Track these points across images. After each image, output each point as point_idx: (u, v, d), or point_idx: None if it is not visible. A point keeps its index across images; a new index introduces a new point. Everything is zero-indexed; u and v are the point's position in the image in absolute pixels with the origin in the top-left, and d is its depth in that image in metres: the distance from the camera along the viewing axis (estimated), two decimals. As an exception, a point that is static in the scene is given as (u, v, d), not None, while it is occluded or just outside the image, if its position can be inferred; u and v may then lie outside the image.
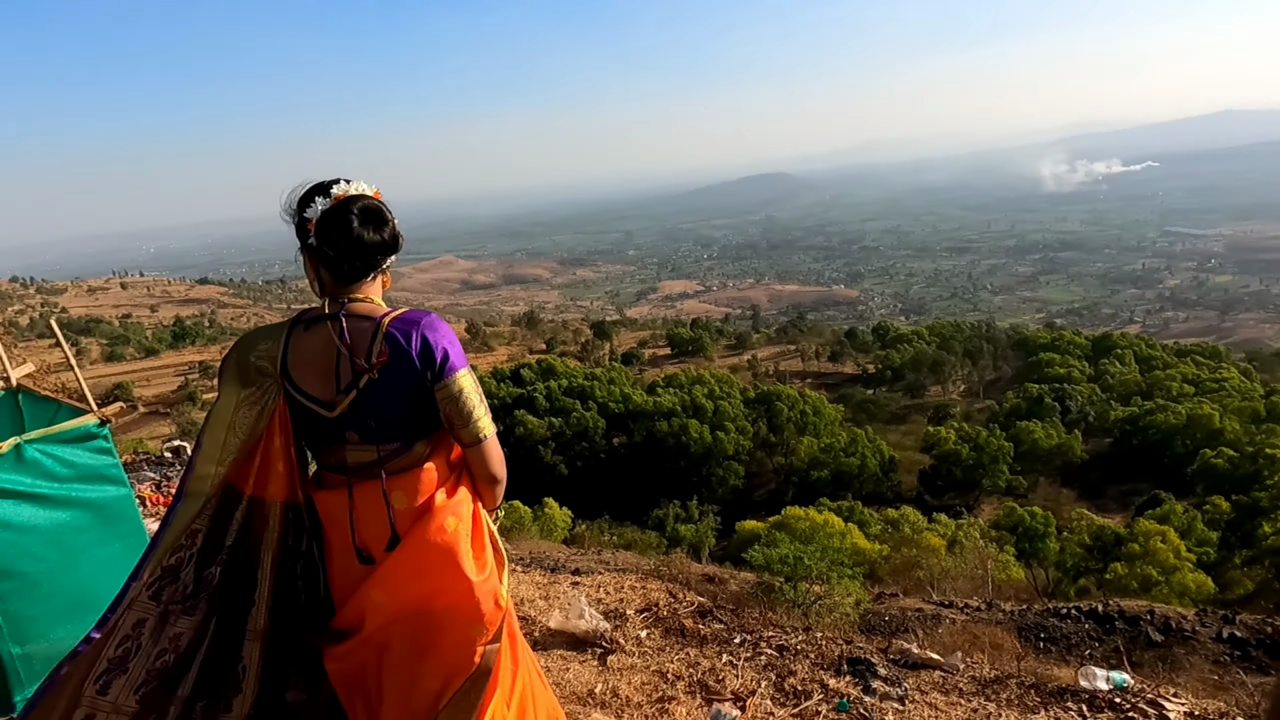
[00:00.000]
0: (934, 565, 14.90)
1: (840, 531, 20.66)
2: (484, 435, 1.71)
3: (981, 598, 9.83)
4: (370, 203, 1.63)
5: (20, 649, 2.88)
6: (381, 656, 1.71)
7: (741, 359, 71.61)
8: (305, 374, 1.65)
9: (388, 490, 1.66)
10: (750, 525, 24.31)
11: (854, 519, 25.31)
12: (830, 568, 12.23)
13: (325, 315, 1.65)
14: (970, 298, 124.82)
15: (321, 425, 1.67)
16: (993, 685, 2.64)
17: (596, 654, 2.98)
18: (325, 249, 1.61)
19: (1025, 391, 49.70)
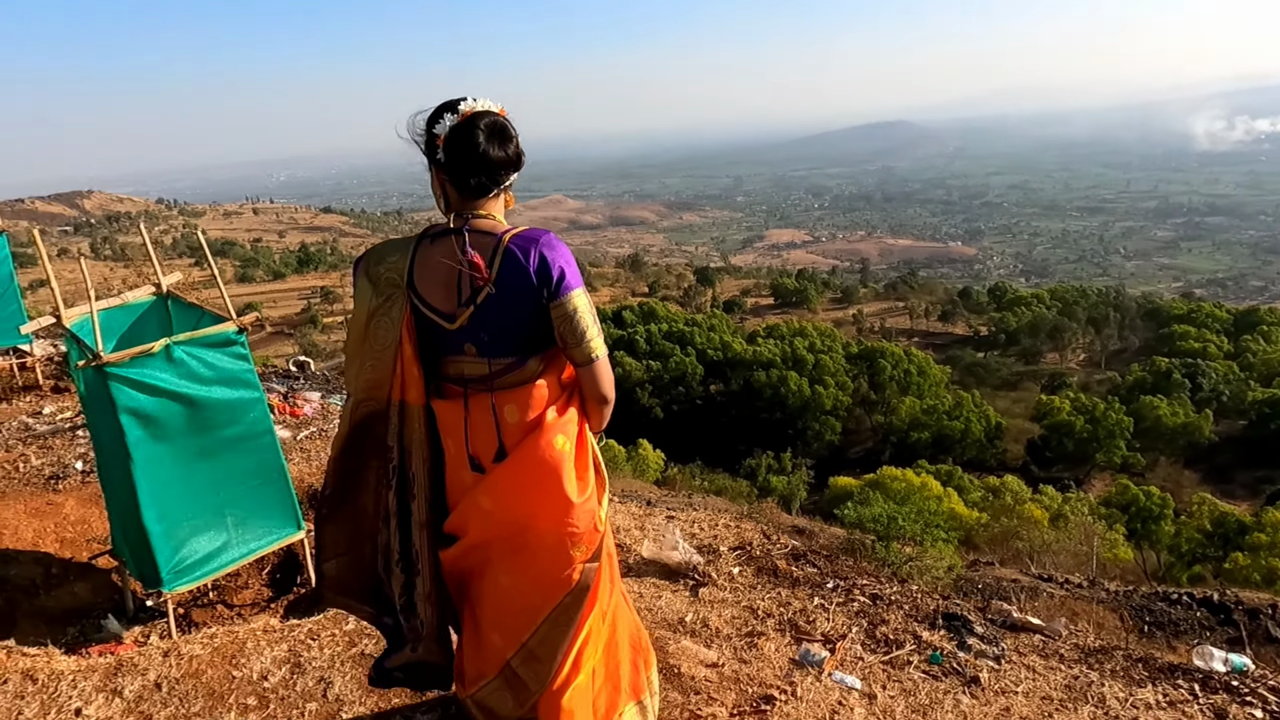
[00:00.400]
0: (1035, 537, 14.42)
1: (938, 495, 20.18)
2: (596, 355, 1.75)
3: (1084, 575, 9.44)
4: (496, 119, 1.67)
5: (161, 527, 3.19)
6: (485, 565, 1.82)
7: (846, 313, 69.89)
8: (429, 286, 1.72)
9: (499, 404, 1.76)
10: (843, 481, 24.01)
11: (953, 484, 24.66)
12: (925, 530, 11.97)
13: (449, 230, 1.71)
14: (1100, 261, 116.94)
15: (443, 337, 1.74)
16: (1096, 655, 2.55)
17: (688, 585, 3.04)
18: (452, 164, 1.66)
19: (1152, 365, 46.67)
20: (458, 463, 1.80)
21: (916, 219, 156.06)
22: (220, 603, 3.77)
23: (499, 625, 1.85)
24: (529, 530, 1.76)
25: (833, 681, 2.45)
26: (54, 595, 3.70)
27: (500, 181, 1.72)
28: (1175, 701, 2.34)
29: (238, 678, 2.61)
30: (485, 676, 1.90)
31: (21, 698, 2.55)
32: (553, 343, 1.76)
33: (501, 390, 1.75)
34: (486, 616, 1.87)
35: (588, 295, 1.74)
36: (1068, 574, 9.15)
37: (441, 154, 1.66)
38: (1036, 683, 2.44)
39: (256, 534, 3.52)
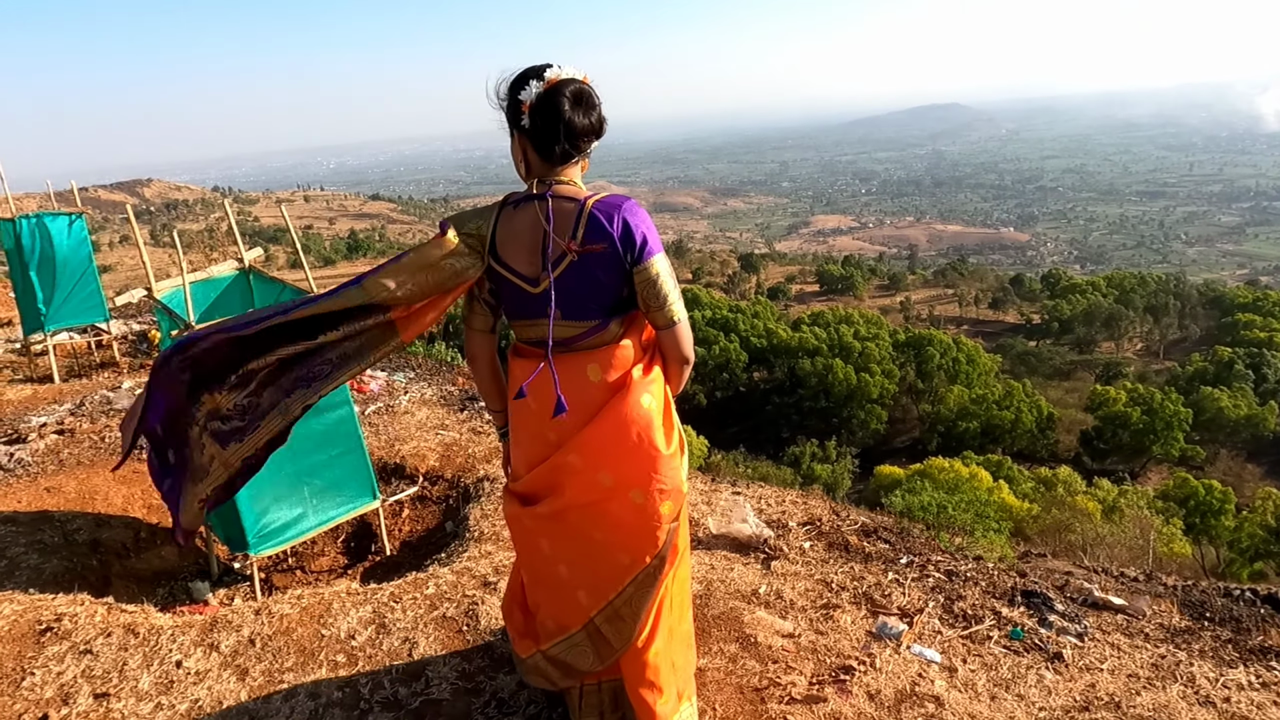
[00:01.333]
0: (1088, 530, 14.15)
1: (988, 486, 19.84)
2: (677, 318, 1.79)
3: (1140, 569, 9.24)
4: (580, 87, 1.69)
5: (248, 493, 3.33)
6: (573, 522, 1.83)
7: (894, 300, 68.80)
8: (513, 251, 1.76)
9: (583, 364, 1.80)
10: (889, 470, 23.75)
11: (1002, 474, 24.21)
12: (975, 520, 11.80)
13: (533, 196, 1.74)
14: (1159, 248, 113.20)
15: (525, 300, 1.78)
16: (1183, 634, 2.50)
17: (759, 558, 3.05)
18: (536, 130, 1.68)
19: (1214, 355, 45.21)
20: (539, 421, 1.83)
21: (967, 204, 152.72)
22: (299, 568, 3.90)
23: (585, 583, 1.88)
24: (620, 487, 1.80)
25: (912, 654, 2.45)
26: (143, 558, 3.86)
27: (583, 149, 1.75)
28: (1269, 683, 2.29)
29: (326, 636, 2.70)
30: (568, 630, 1.94)
31: (125, 649, 2.68)
32: (633, 306, 1.80)
33: (585, 351, 1.78)
34: (573, 573, 1.90)
35: (668, 260, 1.78)
36: (1122, 567, 8.96)
37: (526, 120, 1.68)
38: (1122, 660, 2.40)
39: (336, 502, 3.63)
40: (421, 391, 5.73)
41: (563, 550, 1.90)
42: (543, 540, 1.90)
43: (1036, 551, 10.33)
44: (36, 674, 2.57)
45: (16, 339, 7.57)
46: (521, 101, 1.68)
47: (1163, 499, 24.27)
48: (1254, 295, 59.71)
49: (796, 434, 34.64)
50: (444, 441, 4.86)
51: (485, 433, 5.04)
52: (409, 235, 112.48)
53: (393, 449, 4.71)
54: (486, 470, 4.37)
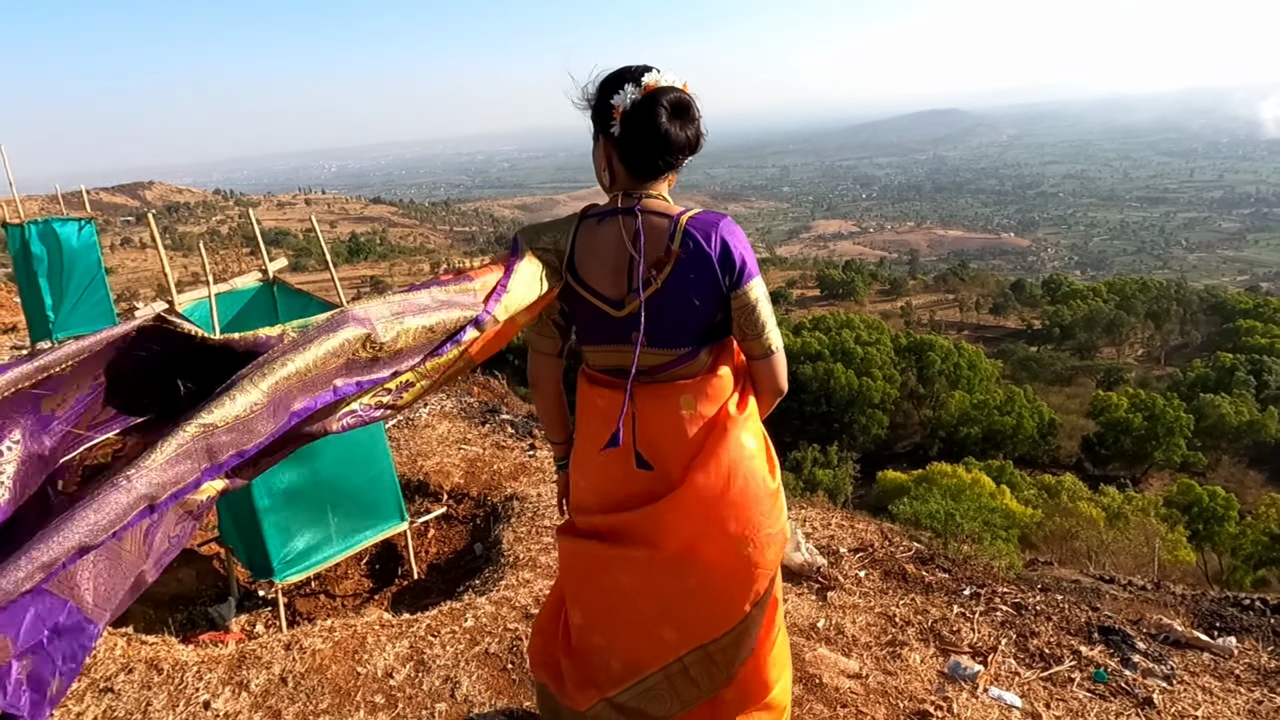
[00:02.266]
0: (1092, 537, 14.06)
1: (990, 492, 19.73)
2: (774, 347, 1.64)
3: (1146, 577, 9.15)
4: (681, 96, 1.53)
5: (274, 517, 3.19)
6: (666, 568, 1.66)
7: (895, 305, 68.79)
8: (595, 270, 1.59)
9: (673, 396, 1.62)
10: (892, 476, 23.58)
11: (1004, 480, 24.07)
12: (983, 528, 11.65)
13: (618, 210, 1.58)
14: (1160, 253, 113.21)
15: (606, 324, 1.61)
16: (1276, 676, 2.35)
17: (813, 588, 2.91)
18: (627, 140, 1.52)
19: (1215, 361, 45.21)
20: (613, 457, 1.65)
21: (968, 209, 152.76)
22: (322, 592, 3.75)
23: (675, 621, 1.71)
24: (726, 538, 1.63)
25: (990, 698, 2.30)
26: (161, 581, 3.69)
27: (676, 164, 1.59)
28: (1378, 731, 2.16)
29: (362, 674, 2.55)
30: (642, 671, 1.75)
31: (148, 688, 2.53)
32: (724, 333, 1.64)
33: (674, 381, 1.62)
34: (658, 610, 1.72)
35: (764, 285, 1.62)
36: (1129, 575, 8.84)
37: (617, 128, 1.51)
38: (1217, 706, 2.26)
39: (364, 524, 3.49)
40: (441, 404, 5.59)
41: (648, 587, 1.71)
42: (623, 577, 1.71)
43: (1043, 559, 10.19)
44: (55, 715, 2.42)
45: (23, 346, 7.43)
46: (614, 106, 1.50)
47: (1166, 505, 24.17)
48: (1255, 301, 59.70)
49: (798, 439, 34.50)
50: (467, 457, 4.71)
51: (509, 448, 4.90)
52: (410, 239, 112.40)
53: (415, 465, 4.56)
54: (514, 488, 4.21)
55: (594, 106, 1.56)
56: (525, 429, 5.25)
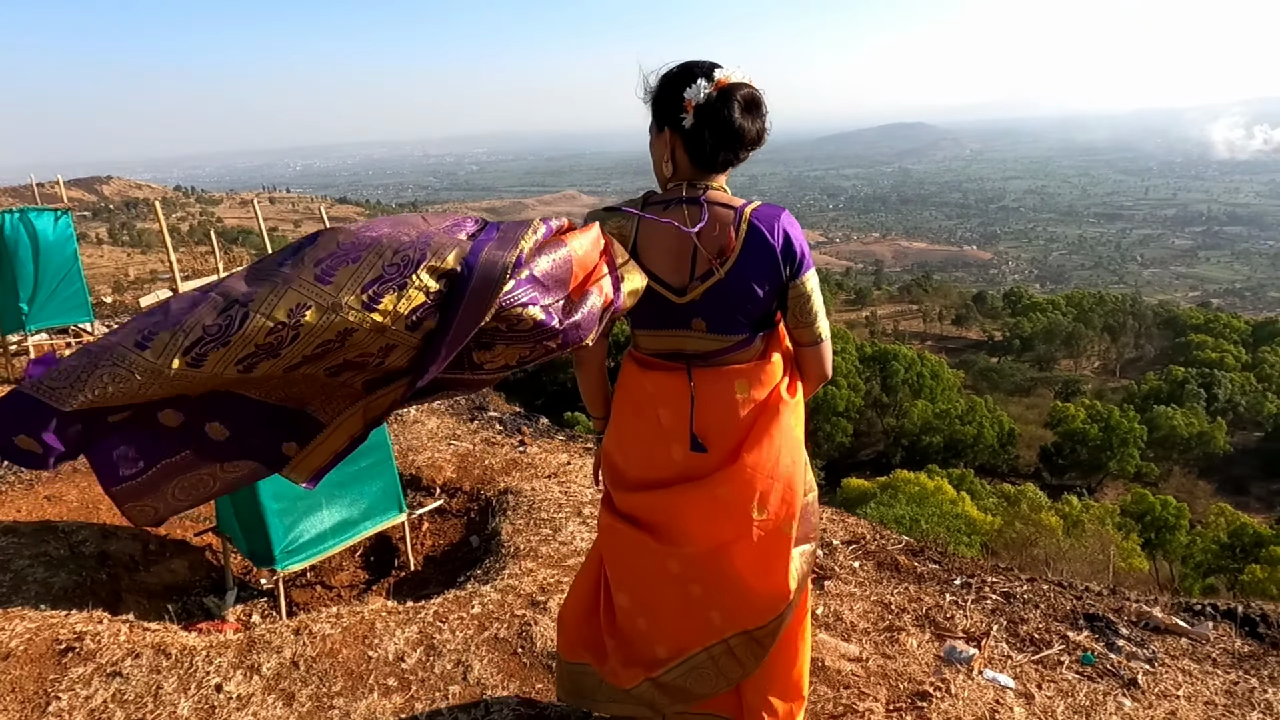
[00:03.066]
0: (1050, 545, 14.36)
1: (952, 499, 20.09)
2: (823, 336, 1.73)
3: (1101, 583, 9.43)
4: (753, 92, 1.58)
5: (277, 505, 3.18)
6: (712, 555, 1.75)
7: (859, 315, 69.64)
8: (659, 257, 1.64)
9: (729, 380, 1.69)
10: (856, 483, 23.90)
11: (965, 488, 24.51)
12: (947, 533, 11.86)
13: (684, 199, 1.63)
14: (1117, 269, 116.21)
15: (667, 310, 1.66)
16: (1249, 659, 2.50)
17: (811, 578, 2.99)
18: (699, 133, 1.56)
19: (1168, 374, 46.50)
20: (670, 437, 1.71)
21: (932, 221, 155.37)
22: (318, 583, 3.76)
23: (722, 605, 1.77)
24: (772, 519, 1.70)
25: (985, 679, 2.41)
26: (153, 571, 3.69)
27: (743, 158, 1.65)
28: (1343, 709, 2.30)
29: (374, 658, 2.58)
30: (686, 651, 1.81)
31: (157, 672, 2.53)
32: (774, 321, 1.73)
33: (730, 366, 1.69)
34: (707, 594, 1.78)
35: (818, 276, 1.71)
36: (1085, 582, 9.13)
37: (689, 119, 1.56)
38: (1196, 687, 2.39)
39: (365, 514, 3.51)
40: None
41: (699, 573, 1.76)
42: (672, 564, 1.77)
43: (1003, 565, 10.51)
44: (63, 698, 2.42)
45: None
46: (686, 100, 1.55)
47: (1121, 514, 24.77)
48: (1206, 317, 61.57)
49: (764, 447, 34.73)
50: (458, 452, 4.74)
51: (498, 444, 4.94)
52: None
53: (407, 460, 4.58)
54: (507, 483, 4.26)
55: (660, 99, 1.60)
56: (514, 426, 5.29)
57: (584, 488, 4.11)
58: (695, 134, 1.57)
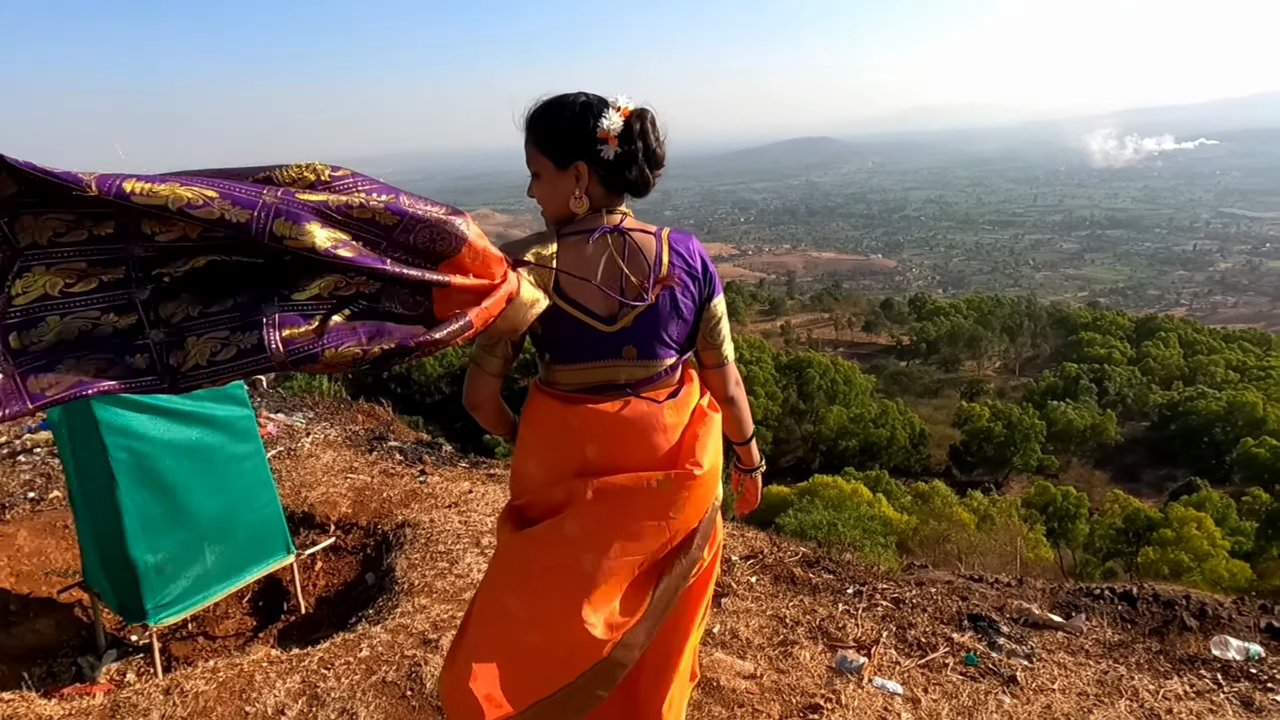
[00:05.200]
0: (962, 540, 14.87)
1: (869, 501, 20.66)
2: (730, 357, 1.78)
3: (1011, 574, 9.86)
4: (656, 116, 1.62)
5: (152, 557, 2.98)
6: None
7: (774, 325, 71.13)
8: (583, 287, 1.61)
9: (659, 407, 1.66)
10: (778, 490, 24.32)
11: (880, 489, 25.23)
12: (864, 535, 12.21)
13: (606, 229, 1.63)
14: (1012, 273, 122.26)
15: (595, 341, 1.63)
16: (1119, 649, 2.63)
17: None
18: (622, 161, 1.57)
19: (1062, 371, 49.09)
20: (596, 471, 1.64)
21: (839, 232, 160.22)
22: (201, 634, 3.55)
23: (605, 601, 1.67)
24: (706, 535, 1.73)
25: (874, 687, 2.45)
26: (14, 633, 3.41)
27: (656, 181, 1.67)
28: (1202, 691, 2.43)
29: (251, 713, 2.44)
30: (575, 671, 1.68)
31: (8, 747, 2.34)
32: (691, 345, 1.74)
33: (660, 390, 1.67)
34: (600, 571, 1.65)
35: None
36: (996, 574, 9.52)
37: (611, 150, 1.56)
38: (1070, 679, 2.49)
39: (246, 559, 3.33)
40: (325, 433, 5.39)
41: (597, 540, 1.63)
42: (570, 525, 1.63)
43: (919, 563, 10.78)
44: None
45: None
46: (603, 131, 1.55)
47: (1026, 506, 25.91)
48: (1094, 315, 65.42)
49: (687, 459, 35.00)
50: (354, 486, 4.58)
51: (398, 475, 4.79)
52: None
53: (299, 496, 4.39)
54: (405, 515, 4.13)
55: (565, 135, 1.58)
56: (415, 455, 5.15)
57: (485, 516, 4.03)
58: (619, 163, 1.58)
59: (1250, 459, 34.71)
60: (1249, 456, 34.84)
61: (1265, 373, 47.99)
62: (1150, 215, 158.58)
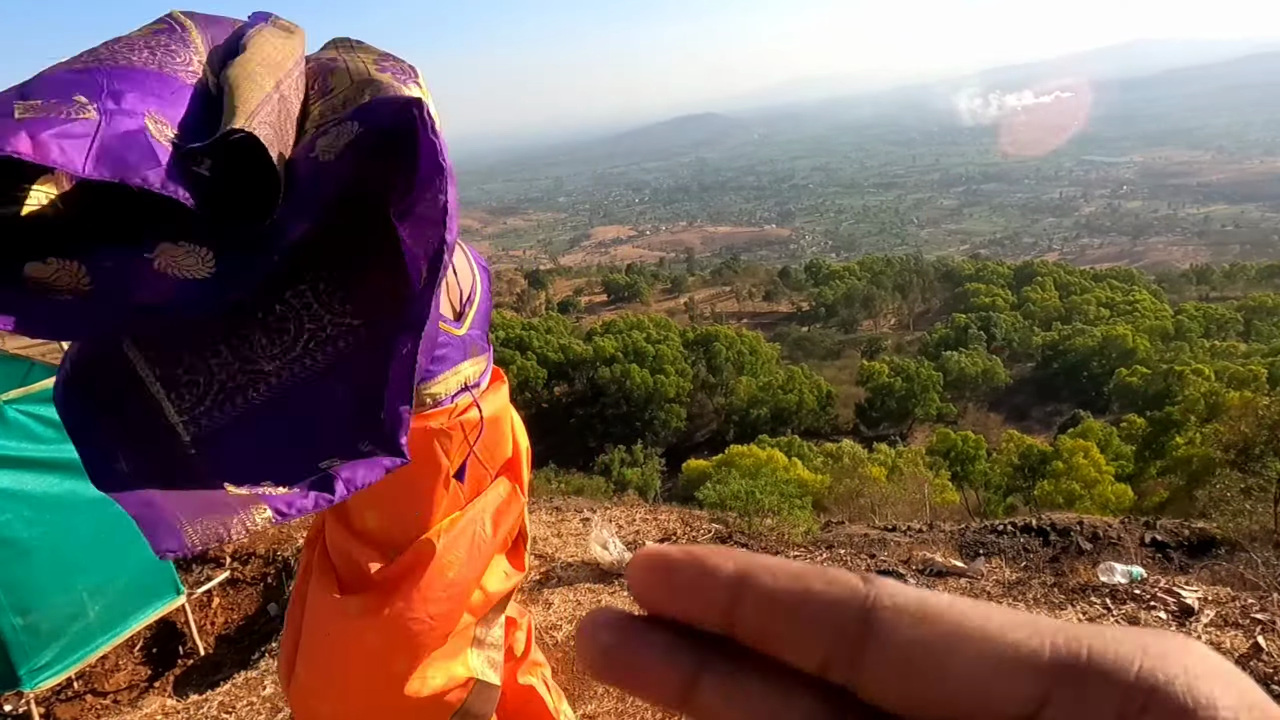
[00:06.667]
0: (875, 493, 15.39)
1: (784, 466, 21.20)
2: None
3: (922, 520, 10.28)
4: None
5: (21, 620, 2.74)
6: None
7: (678, 302, 71.86)
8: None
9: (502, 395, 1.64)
10: (696, 464, 24.70)
11: (794, 453, 25.93)
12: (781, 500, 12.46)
13: None
14: (898, 232, 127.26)
15: (453, 345, 1.53)
16: (1017, 587, 2.74)
17: (625, 585, 2.98)
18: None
19: (953, 322, 51.39)
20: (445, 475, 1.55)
21: (733, 206, 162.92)
22: (89, 692, 3.29)
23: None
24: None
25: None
26: None
27: None
28: (1093, 617, 2.57)
29: (146, 772, 2.28)
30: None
31: None
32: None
33: (491, 382, 1.65)
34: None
35: None
36: (908, 522, 9.91)
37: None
38: (974, 622, 2.59)
39: (132, 605, 3.10)
40: (212, 460, 5.09)
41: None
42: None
43: (836, 520, 11.08)
44: None
45: None
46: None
47: (930, 454, 27.09)
48: (977, 267, 68.83)
49: (603, 442, 35.10)
50: (249, 513, 4.33)
51: (296, 495, 4.56)
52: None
53: (188, 531, 4.12)
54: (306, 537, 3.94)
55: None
56: (313, 473, 4.92)
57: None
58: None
59: (1125, 388, 37.30)
60: (1124, 386, 37.43)
61: (1132, 306, 51.55)
62: (1019, 168, 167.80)
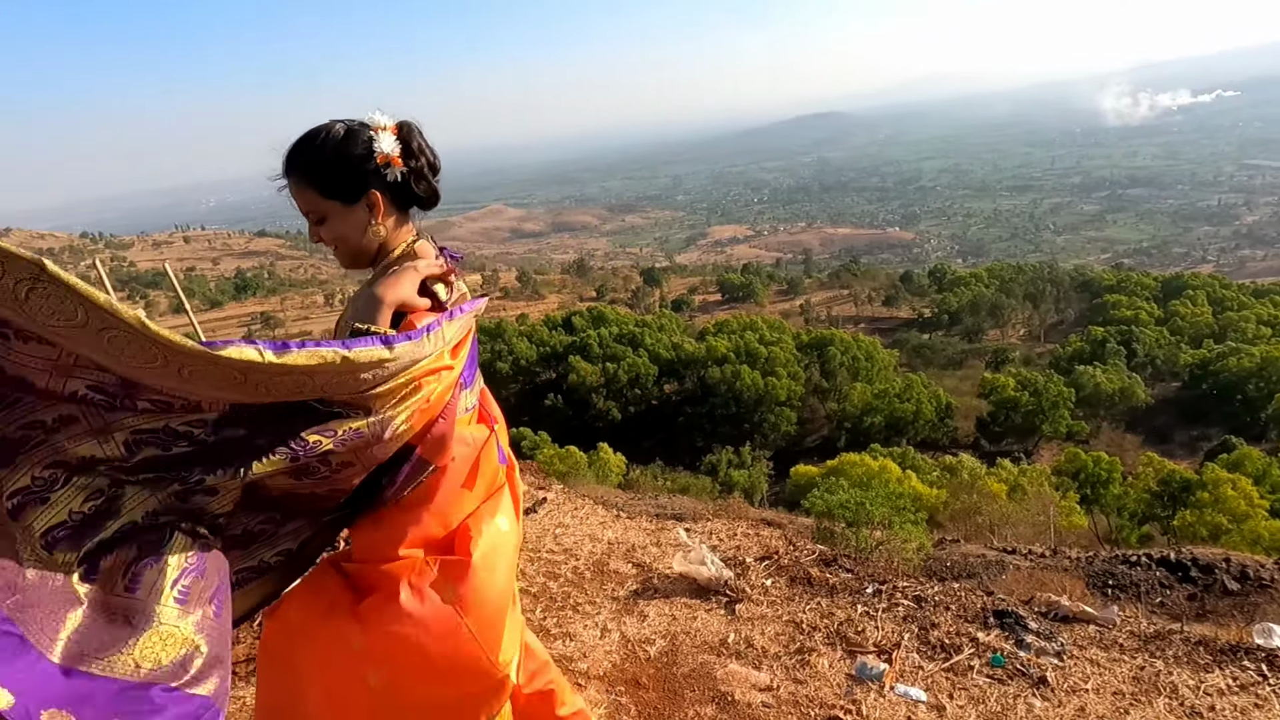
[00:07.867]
0: (994, 511, 14.67)
1: (898, 477, 20.47)
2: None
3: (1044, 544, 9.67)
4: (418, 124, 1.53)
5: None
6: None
7: (793, 304, 70.80)
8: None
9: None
10: (804, 470, 24.20)
11: (908, 465, 25.03)
12: (893, 513, 12.06)
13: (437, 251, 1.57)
14: (1032, 238, 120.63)
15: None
16: (1155, 641, 2.49)
17: (722, 602, 2.90)
18: (408, 179, 1.47)
19: (1088, 334, 48.40)
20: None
21: (854, 207, 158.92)
22: None
23: None
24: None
25: (897, 695, 2.34)
26: None
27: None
28: (1246, 685, 2.30)
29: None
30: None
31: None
32: None
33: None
34: None
35: None
36: (1029, 545, 9.33)
37: (398, 171, 1.45)
38: (1104, 678, 2.36)
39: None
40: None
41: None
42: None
43: (950, 538, 10.55)
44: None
45: None
46: (383, 154, 1.43)
47: (1057, 474, 25.58)
48: (1118, 277, 64.41)
49: (711, 442, 34.99)
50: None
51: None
52: (300, 271, 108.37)
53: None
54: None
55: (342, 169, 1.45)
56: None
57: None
58: (405, 181, 1.47)
59: (1287, 414, 34.01)
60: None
61: (1297, 325, 47.01)
62: (1171, 172, 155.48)
